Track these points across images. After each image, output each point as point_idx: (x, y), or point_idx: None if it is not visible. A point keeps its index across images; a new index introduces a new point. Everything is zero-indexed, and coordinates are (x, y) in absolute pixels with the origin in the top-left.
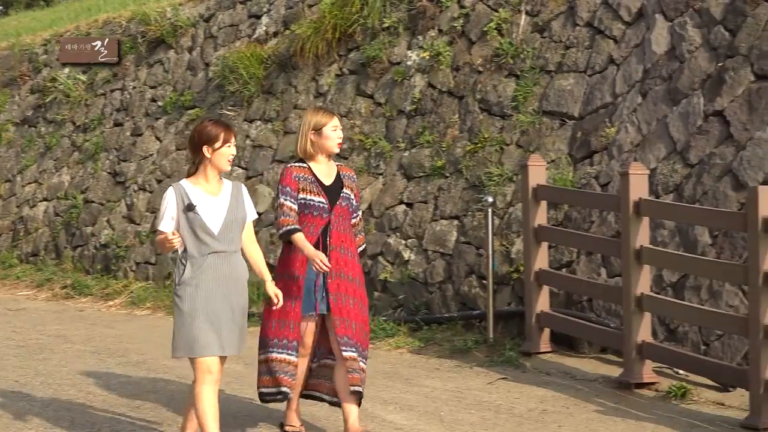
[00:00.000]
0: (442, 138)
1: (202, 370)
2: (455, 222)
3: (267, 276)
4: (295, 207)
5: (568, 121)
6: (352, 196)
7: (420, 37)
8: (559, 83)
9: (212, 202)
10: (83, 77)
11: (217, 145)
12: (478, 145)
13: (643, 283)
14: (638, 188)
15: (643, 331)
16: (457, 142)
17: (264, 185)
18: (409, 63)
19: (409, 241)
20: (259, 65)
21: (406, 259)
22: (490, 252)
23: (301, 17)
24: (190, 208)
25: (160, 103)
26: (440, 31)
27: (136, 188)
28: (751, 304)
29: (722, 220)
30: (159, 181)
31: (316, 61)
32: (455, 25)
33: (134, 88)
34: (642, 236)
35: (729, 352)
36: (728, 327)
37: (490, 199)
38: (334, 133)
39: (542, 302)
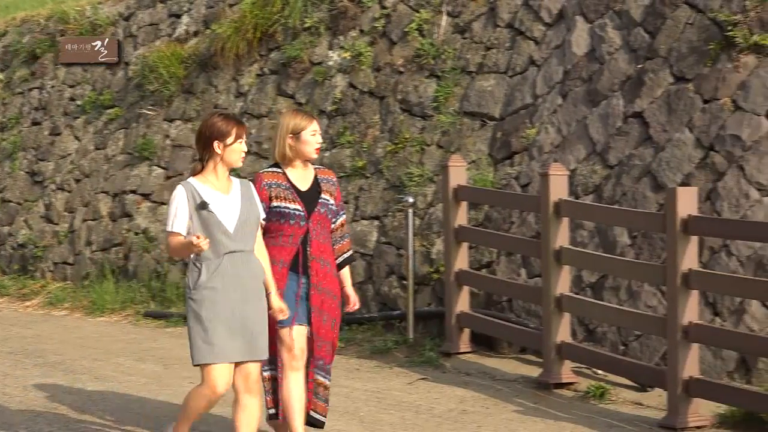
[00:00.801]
0: (362, 138)
1: (214, 377)
2: (376, 222)
3: (272, 286)
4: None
5: (488, 121)
6: (332, 202)
7: (341, 38)
8: (480, 84)
9: (224, 200)
10: (1, 75)
11: (230, 140)
12: (399, 145)
13: (563, 283)
14: (558, 189)
15: (563, 331)
16: (378, 142)
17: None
18: (330, 63)
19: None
20: (179, 64)
21: None
22: (411, 252)
23: (221, 17)
24: (203, 206)
25: (78, 102)
26: (361, 31)
27: (54, 188)
28: (669, 305)
29: (641, 220)
30: (77, 181)
31: (236, 60)
32: (376, 25)
33: (53, 87)
34: (562, 237)
35: (647, 352)
36: (647, 327)
37: (411, 200)
38: (313, 137)
39: (462, 303)
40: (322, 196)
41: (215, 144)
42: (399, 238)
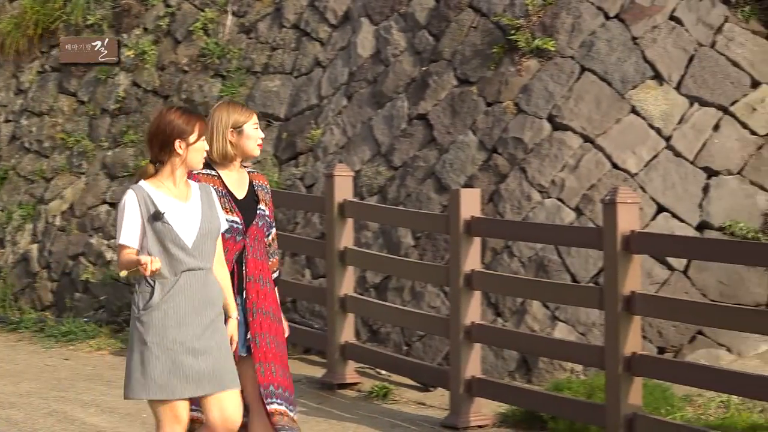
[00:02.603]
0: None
1: (170, 416)
2: None
3: (232, 310)
4: None
5: (273, 122)
6: (267, 213)
7: (124, 35)
8: (265, 84)
9: (182, 209)
10: None
11: (193, 138)
12: None
13: (347, 284)
14: (343, 190)
15: (347, 332)
16: None
17: None
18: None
19: (112, 241)
20: None
21: (109, 259)
22: None
23: (1, 12)
24: (157, 216)
25: None
26: (145, 29)
27: None
28: (452, 305)
29: (425, 222)
30: None
31: (17, 57)
32: (161, 24)
33: None
34: (346, 238)
35: (430, 352)
36: (430, 328)
37: None
38: (255, 131)
39: None
40: (260, 206)
41: (177, 143)
42: None
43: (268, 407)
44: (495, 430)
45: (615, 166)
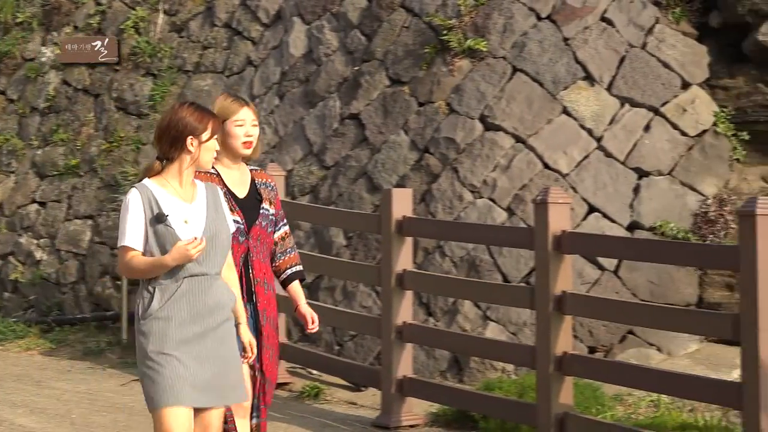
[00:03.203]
0: (76, 136)
1: (168, 425)
2: (89, 222)
3: (242, 316)
4: None
5: None
6: (272, 212)
7: (55, 33)
8: (197, 83)
9: (187, 210)
10: None
11: (205, 136)
12: (114, 144)
13: (278, 285)
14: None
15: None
16: (92, 140)
17: None
18: (43, 59)
19: (42, 240)
20: None
21: (38, 259)
22: None
23: None
24: (160, 218)
25: None
26: (76, 27)
27: None
28: (384, 305)
29: (357, 221)
30: None
31: None
32: (91, 22)
33: None
34: None
35: (362, 352)
36: (361, 327)
37: None
38: (239, 129)
39: None
40: (263, 206)
41: (189, 140)
42: (113, 238)
43: (252, 420)
44: (426, 430)
45: (546, 166)
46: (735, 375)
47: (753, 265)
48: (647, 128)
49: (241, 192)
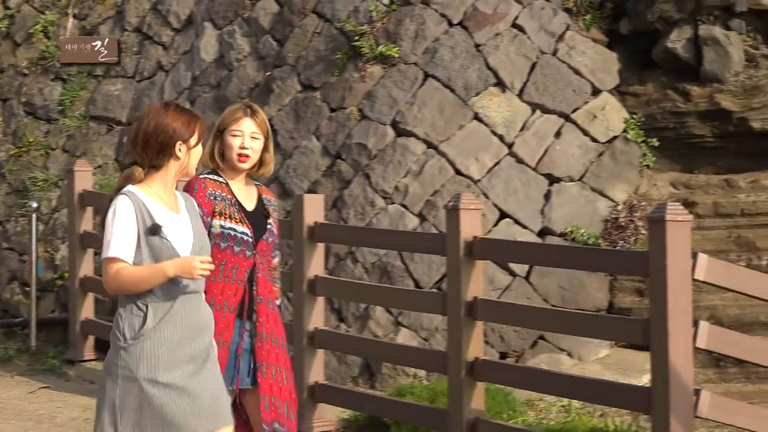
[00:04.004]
0: None
1: None
2: None
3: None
4: None
5: (115, 126)
6: (276, 231)
7: None
8: (107, 88)
9: (175, 221)
10: None
11: (193, 141)
12: (23, 149)
13: None
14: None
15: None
16: (1, 145)
17: None
18: None
19: None
20: None
21: None
22: (34, 258)
23: None
24: (155, 230)
25: None
26: None
27: None
28: (295, 311)
29: None
30: None
31: None
32: (0, 26)
33: None
34: None
35: None
36: None
37: (35, 205)
38: (235, 139)
39: (87, 310)
40: (270, 222)
41: (177, 147)
42: (22, 244)
43: None
44: None
45: (458, 172)
46: (645, 380)
47: (662, 270)
48: (558, 134)
49: (249, 205)
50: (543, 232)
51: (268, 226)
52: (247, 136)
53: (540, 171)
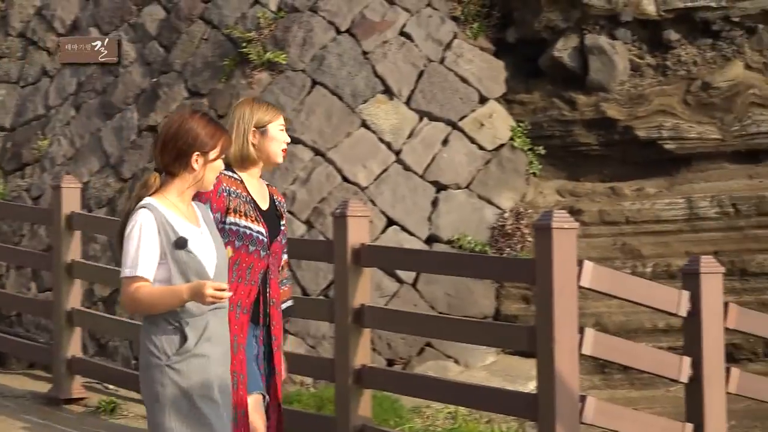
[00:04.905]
0: None
1: None
2: None
3: None
4: None
5: None
6: (287, 233)
7: None
8: None
9: (197, 234)
10: None
11: (213, 155)
12: None
13: (74, 297)
14: (70, 202)
15: (73, 346)
16: None
17: None
18: None
19: None
20: None
21: None
22: None
23: None
24: (181, 244)
25: None
26: None
27: None
28: None
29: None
30: None
31: None
32: None
33: None
34: (74, 250)
35: None
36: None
37: None
38: (281, 133)
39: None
40: (282, 222)
41: (195, 157)
42: None
43: None
44: None
45: (345, 179)
46: (531, 386)
47: (548, 278)
48: (445, 142)
49: (263, 204)
50: (430, 240)
51: (281, 227)
52: (285, 130)
53: (427, 178)
